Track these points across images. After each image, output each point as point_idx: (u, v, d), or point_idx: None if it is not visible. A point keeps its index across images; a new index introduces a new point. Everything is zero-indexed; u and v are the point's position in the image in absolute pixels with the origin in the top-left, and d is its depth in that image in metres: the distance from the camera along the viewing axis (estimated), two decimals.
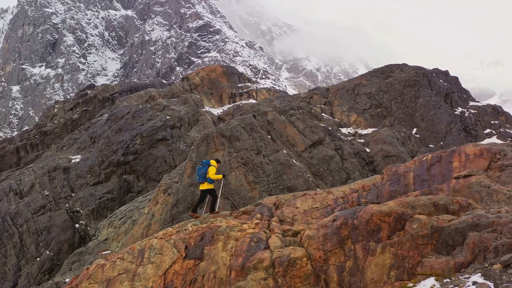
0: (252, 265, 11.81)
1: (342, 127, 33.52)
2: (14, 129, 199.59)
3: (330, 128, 30.47)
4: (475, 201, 12.01)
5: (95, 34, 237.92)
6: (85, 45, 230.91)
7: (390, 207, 11.39)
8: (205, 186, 17.61)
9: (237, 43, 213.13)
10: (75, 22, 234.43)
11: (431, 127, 34.35)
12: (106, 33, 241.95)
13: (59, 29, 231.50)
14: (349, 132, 32.77)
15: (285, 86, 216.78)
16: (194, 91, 54.05)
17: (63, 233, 42.38)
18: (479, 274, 9.03)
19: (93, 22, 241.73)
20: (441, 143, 32.66)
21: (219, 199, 18.55)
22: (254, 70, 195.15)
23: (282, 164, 25.14)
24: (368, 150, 29.67)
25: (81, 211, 43.83)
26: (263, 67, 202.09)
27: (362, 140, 31.06)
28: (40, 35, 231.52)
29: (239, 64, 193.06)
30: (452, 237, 10.55)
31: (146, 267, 12.73)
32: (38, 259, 41.37)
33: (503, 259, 9.04)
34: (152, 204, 24.52)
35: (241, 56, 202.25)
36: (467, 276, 9.15)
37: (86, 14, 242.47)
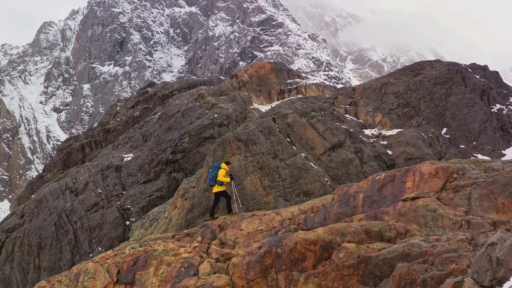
0: None
1: (366, 128, 32.21)
2: (86, 126, 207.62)
3: (352, 130, 29.51)
4: (420, 226, 11.19)
5: (161, 31, 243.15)
6: (151, 42, 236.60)
7: (317, 235, 10.74)
8: (216, 188, 17.94)
9: (300, 35, 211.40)
10: (141, 20, 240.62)
11: (463, 127, 32.40)
12: (171, 30, 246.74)
13: (126, 28, 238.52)
14: (372, 134, 31.54)
15: (349, 78, 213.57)
16: (243, 88, 54.16)
17: (114, 230, 43.67)
18: None
19: (158, 20, 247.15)
20: (474, 143, 30.74)
21: (235, 199, 18.67)
22: (317, 62, 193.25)
23: (299, 168, 24.72)
24: (390, 152, 28.60)
25: (131, 208, 44.97)
26: (326, 59, 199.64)
27: (385, 142, 29.80)
28: (108, 34, 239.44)
29: (302, 57, 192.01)
30: (380, 268, 9.77)
31: None
32: (90, 255, 42.86)
33: None
34: (171, 208, 24.79)
35: (303, 49, 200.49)
36: None
37: (152, 12, 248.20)
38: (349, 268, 10.08)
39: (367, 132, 31.89)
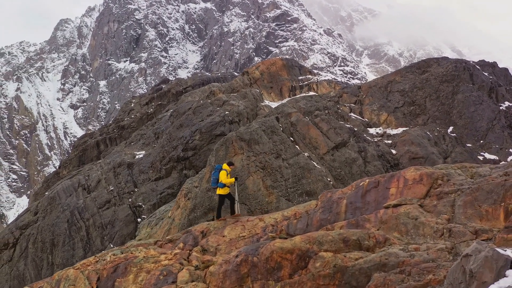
0: None
1: (370, 127, 31.78)
2: (102, 122, 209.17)
3: (356, 129, 29.18)
4: (401, 234, 10.95)
5: (176, 28, 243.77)
6: (167, 39, 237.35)
7: (293, 244, 10.53)
8: (219, 190, 17.67)
9: (315, 31, 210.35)
10: (157, 17, 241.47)
11: (470, 125, 31.71)
12: (186, 27, 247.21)
13: (142, 25, 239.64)
14: (377, 133, 31.07)
15: (365, 73, 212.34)
16: (254, 85, 54.08)
17: (125, 227, 43.96)
18: None
19: (173, 16, 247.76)
20: (481, 141, 30.07)
21: (236, 201, 18.51)
22: (332, 57, 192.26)
23: (302, 167, 24.55)
24: (394, 152, 28.22)
25: (143, 206, 45.22)
26: (342, 54, 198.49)
27: (390, 141, 29.35)
28: (124, 31, 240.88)
29: (317, 52, 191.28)
30: (356, 278, 9.58)
31: None
32: (103, 252, 43.27)
33: None
34: (174, 207, 24.81)
35: (319, 44, 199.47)
36: None
37: (167, 9, 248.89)
38: (325, 278, 9.88)
39: (372, 131, 31.43)
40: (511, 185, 10.30)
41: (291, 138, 27.27)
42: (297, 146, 26.63)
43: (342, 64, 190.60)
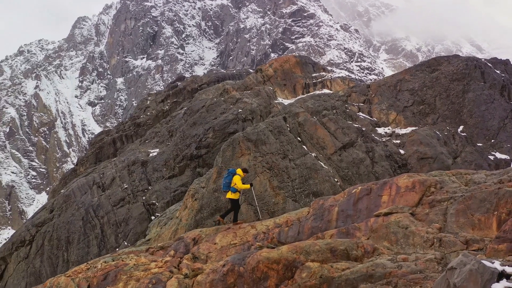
0: None
1: (379, 127, 31.33)
2: (119, 119, 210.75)
3: (364, 129, 28.81)
4: (391, 244, 10.73)
5: (192, 24, 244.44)
6: (183, 36, 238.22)
7: (280, 254, 10.37)
8: (230, 195, 17.53)
9: (332, 26, 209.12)
10: (173, 14, 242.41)
11: (481, 124, 31.07)
12: (202, 23, 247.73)
13: (158, 22, 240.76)
14: (385, 132, 30.61)
15: (382, 68, 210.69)
16: (267, 82, 53.93)
17: (139, 225, 44.25)
18: None
19: (190, 13, 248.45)
20: (492, 141, 29.40)
21: (258, 207, 18.46)
22: (349, 53, 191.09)
23: (309, 168, 24.38)
24: (402, 152, 27.85)
25: (156, 203, 45.46)
26: (359, 50, 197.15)
27: (398, 141, 28.90)
28: (141, 28, 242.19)
29: (334, 48, 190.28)
30: None
31: None
32: (117, 249, 43.58)
33: None
34: (182, 208, 24.83)
35: (335, 40, 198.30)
36: None
37: (184, 6, 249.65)
38: None
39: (380, 130, 30.96)
40: (504, 193, 10.09)
41: (298, 138, 27.09)
42: (304, 146, 26.45)
43: (359, 59, 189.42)
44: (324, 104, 31.78)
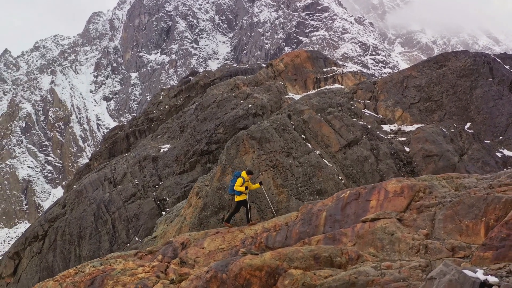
0: None
1: (385, 124, 30.94)
2: (134, 114, 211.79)
3: (369, 126, 28.50)
4: (377, 250, 10.52)
5: (206, 19, 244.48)
6: (197, 30, 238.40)
7: (263, 260, 10.23)
8: (238, 197, 17.55)
9: (346, 19, 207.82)
10: (187, 8, 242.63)
11: (489, 121, 30.47)
12: (216, 17, 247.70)
13: (172, 16, 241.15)
14: (391, 130, 30.18)
15: (397, 61, 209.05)
16: (278, 77, 53.75)
17: (150, 220, 44.47)
18: None
19: (203, 7, 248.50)
20: (500, 138, 28.85)
21: (271, 205, 18.45)
22: (363, 46, 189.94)
23: (313, 166, 24.20)
24: (407, 149, 27.51)
25: (167, 199, 45.61)
26: (373, 43, 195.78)
27: (404, 138, 28.51)
28: (155, 23, 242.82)
29: (348, 42, 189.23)
30: None
31: None
32: (128, 244, 43.85)
33: None
34: (186, 206, 24.86)
35: (349, 33, 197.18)
36: None
37: (197, 0, 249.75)
38: None
39: (386, 128, 30.58)
40: (493, 199, 9.88)
41: (303, 136, 26.91)
42: (308, 144, 26.27)
43: (374, 53, 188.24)
44: (329, 101, 31.53)
